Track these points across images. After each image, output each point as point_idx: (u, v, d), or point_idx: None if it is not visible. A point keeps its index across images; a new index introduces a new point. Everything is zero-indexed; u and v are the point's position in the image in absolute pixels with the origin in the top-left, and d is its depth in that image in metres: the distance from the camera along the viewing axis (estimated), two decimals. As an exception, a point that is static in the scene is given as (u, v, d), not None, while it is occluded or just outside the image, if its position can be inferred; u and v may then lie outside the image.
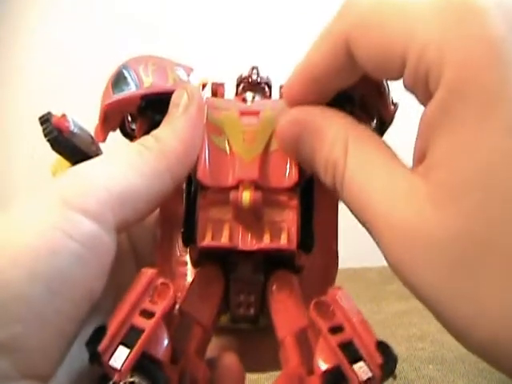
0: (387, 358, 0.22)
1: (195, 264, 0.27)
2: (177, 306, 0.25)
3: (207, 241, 0.24)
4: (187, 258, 0.28)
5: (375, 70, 0.21)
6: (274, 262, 0.26)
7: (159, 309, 0.22)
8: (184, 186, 0.26)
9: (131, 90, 0.25)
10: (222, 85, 0.29)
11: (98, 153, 0.28)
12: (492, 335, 0.17)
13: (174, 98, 0.25)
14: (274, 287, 0.27)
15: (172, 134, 0.24)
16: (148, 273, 0.23)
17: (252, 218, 0.25)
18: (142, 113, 0.27)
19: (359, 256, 0.68)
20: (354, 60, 0.21)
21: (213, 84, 0.29)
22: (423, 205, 0.19)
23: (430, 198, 0.19)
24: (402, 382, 0.55)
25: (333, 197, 0.26)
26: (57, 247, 0.20)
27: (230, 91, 0.29)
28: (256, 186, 0.25)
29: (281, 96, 0.28)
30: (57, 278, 0.20)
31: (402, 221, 0.19)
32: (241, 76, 0.28)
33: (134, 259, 0.29)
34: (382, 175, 0.21)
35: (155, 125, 0.26)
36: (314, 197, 0.27)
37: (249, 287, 0.27)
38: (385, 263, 0.22)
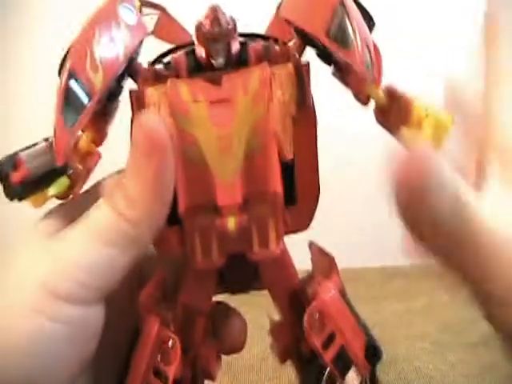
0: (374, 359, 0.24)
1: None
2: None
3: (198, 262, 0.25)
4: None
5: None
6: None
7: (171, 372, 0.24)
8: None
9: (83, 106, 0.24)
10: (182, 60, 0.26)
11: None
12: None
13: (134, 140, 0.24)
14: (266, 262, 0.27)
15: (145, 193, 0.23)
16: (154, 328, 0.25)
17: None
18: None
19: (359, 256, 0.68)
20: None
21: (173, 59, 0.26)
22: None
23: None
24: (402, 382, 0.55)
25: (309, 130, 0.26)
26: (44, 331, 0.21)
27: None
28: (240, 206, 0.24)
29: (251, 62, 0.25)
30: (51, 358, 0.21)
31: None
32: (201, 23, 0.25)
33: None
34: None
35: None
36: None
37: (242, 269, 0.27)
38: (385, 263, 0.22)
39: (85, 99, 0.24)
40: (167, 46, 0.29)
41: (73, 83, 0.24)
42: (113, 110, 0.29)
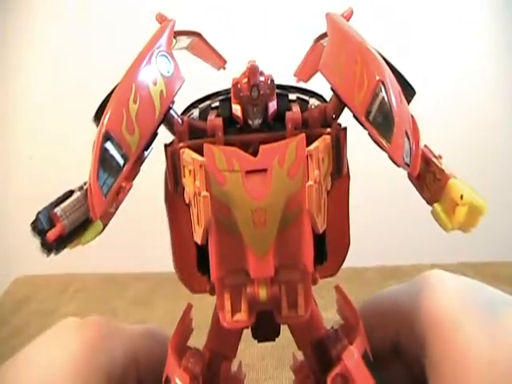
0: None
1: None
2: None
3: (228, 321, 0.25)
4: None
5: None
6: None
7: None
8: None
9: (119, 169, 0.24)
10: (218, 123, 0.26)
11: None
12: None
13: None
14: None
15: None
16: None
17: None
18: None
19: (358, 255, 0.68)
20: None
21: (209, 122, 0.26)
22: None
23: None
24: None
25: (342, 194, 0.27)
26: None
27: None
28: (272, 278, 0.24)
29: (289, 133, 0.25)
30: None
31: None
32: (237, 83, 0.25)
33: None
34: None
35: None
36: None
37: (269, 324, 0.27)
38: (384, 262, 0.22)
39: (120, 161, 0.24)
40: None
41: (109, 145, 0.24)
42: (148, 152, 0.29)
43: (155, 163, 0.32)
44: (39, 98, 1.03)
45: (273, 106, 0.25)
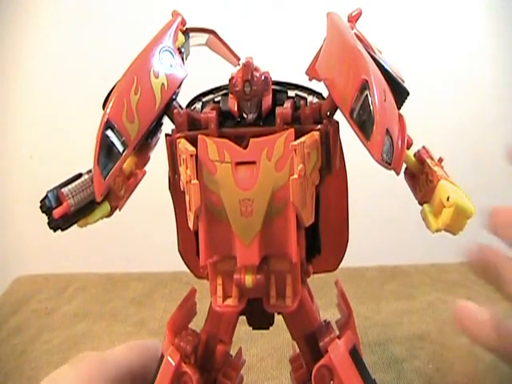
0: None
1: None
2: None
3: (219, 305, 0.26)
4: None
5: None
6: None
7: None
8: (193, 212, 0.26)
9: (119, 154, 0.25)
10: (213, 116, 0.26)
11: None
12: None
13: None
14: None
15: None
16: (175, 361, 0.27)
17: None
18: None
19: (358, 255, 0.68)
20: None
21: (203, 116, 0.27)
22: None
23: None
24: (402, 381, 0.55)
25: (340, 191, 0.28)
26: None
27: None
28: (258, 267, 0.25)
29: (278, 128, 0.26)
30: None
31: None
32: (233, 78, 0.26)
33: None
34: None
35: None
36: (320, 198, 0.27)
37: (262, 312, 0.27)
38: (384, 262, 0.22)
39: (120, 147, 0.25)
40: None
41: (110, 133, 0.25)
42: (154, 140, 0.30)
43: (155, 164, 0.32)
44: (39, 97, 1.03)
45: (267, 102, 0.26)
